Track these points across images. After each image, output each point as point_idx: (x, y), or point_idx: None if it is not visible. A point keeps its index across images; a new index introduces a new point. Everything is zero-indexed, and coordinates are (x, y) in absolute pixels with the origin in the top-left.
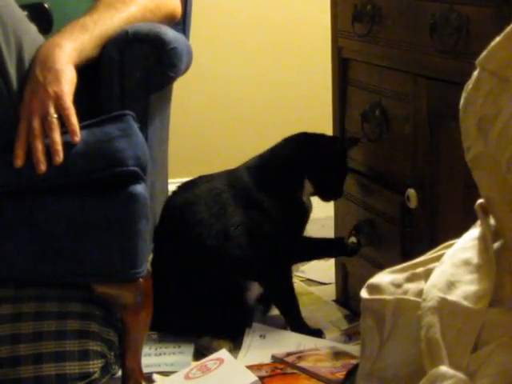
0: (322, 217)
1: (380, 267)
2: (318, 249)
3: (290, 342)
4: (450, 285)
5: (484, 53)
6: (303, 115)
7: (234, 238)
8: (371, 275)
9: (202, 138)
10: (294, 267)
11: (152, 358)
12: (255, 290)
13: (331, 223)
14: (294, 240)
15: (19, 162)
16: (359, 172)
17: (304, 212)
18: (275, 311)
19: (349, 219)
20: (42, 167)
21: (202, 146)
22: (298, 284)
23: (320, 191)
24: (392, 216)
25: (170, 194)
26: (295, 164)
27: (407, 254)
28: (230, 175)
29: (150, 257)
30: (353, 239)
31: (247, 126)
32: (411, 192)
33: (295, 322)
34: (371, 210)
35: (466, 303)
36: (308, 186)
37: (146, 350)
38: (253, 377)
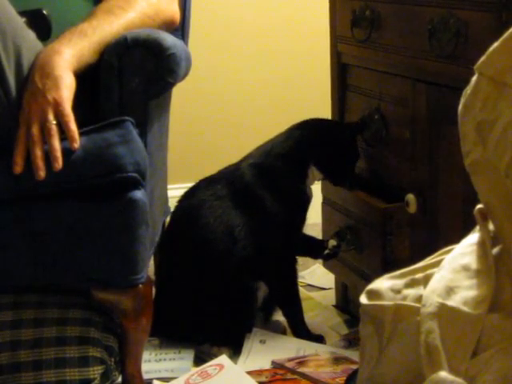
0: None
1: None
2: (306, 247)
3: (290, 347)
4: (450, 290)
5: (482, 58)
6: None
7: (239, 240)
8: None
9: (202, 144)
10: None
11: (152, 363)
12: (263, 290)
13: (319, 228)
14: (296, 232)
15: (18, 168)
16: (358, 177)
17: (307, 203)
18: (275, 317)
19: (333, 226)
20: (41, 174)
21: (201, 151)
22: None
23: (331, 176)
24: (373, 223)
25: (172, 200)
26: (299, 152)
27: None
28: (231, 175)
29: (151, 263)
30: (333, 242)
31: (247, 131)
32: (410, 197)
33: (297, 325)
34: (353, 217)
35: (465, 309)
36: (314, 174)
37: (146, 355)
38: (253, 382)
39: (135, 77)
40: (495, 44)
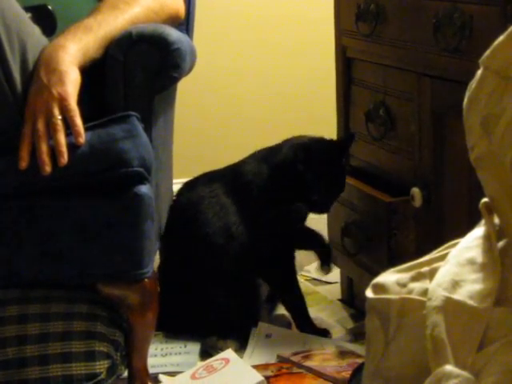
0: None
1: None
2: (309, 242)
3: (295, 341)
4: (455, 284)
5: (487, 52)
6: (307, 115)
7: (236, 237)
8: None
9: (207, 138)
10: (299, 266)
11: (158, 358)
12: (266, 286)
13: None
14: (294, 233)
15: (24, 163)
16: (363, 170)
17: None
18: (280, 310)
19: (338, 220)
20: (47, 169)
21: (206, 145)
22: (303, 283)
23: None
24: (378, 216)
25: (175, 193)
26: (286, 191)
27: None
28: (230, 174)
29: (157, 258)
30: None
31: (251, 126)
32: (415, 191)
33: (302, 321)
34: (358, 211)
35: (471, 302)
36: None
37: (152, 350)
38: (259, 376)
39: (140, 72)
40: (500, 38)
